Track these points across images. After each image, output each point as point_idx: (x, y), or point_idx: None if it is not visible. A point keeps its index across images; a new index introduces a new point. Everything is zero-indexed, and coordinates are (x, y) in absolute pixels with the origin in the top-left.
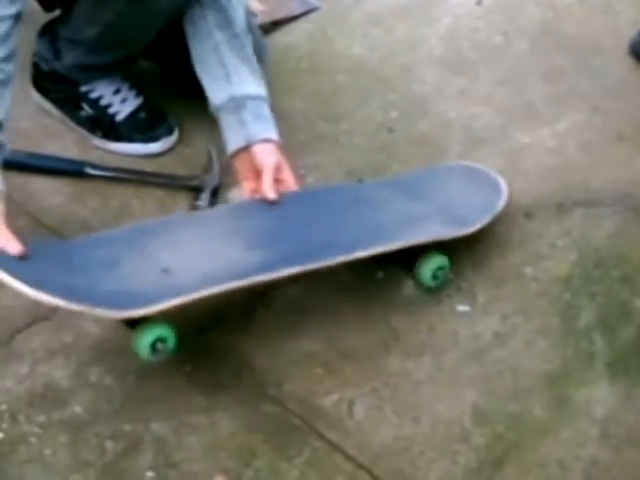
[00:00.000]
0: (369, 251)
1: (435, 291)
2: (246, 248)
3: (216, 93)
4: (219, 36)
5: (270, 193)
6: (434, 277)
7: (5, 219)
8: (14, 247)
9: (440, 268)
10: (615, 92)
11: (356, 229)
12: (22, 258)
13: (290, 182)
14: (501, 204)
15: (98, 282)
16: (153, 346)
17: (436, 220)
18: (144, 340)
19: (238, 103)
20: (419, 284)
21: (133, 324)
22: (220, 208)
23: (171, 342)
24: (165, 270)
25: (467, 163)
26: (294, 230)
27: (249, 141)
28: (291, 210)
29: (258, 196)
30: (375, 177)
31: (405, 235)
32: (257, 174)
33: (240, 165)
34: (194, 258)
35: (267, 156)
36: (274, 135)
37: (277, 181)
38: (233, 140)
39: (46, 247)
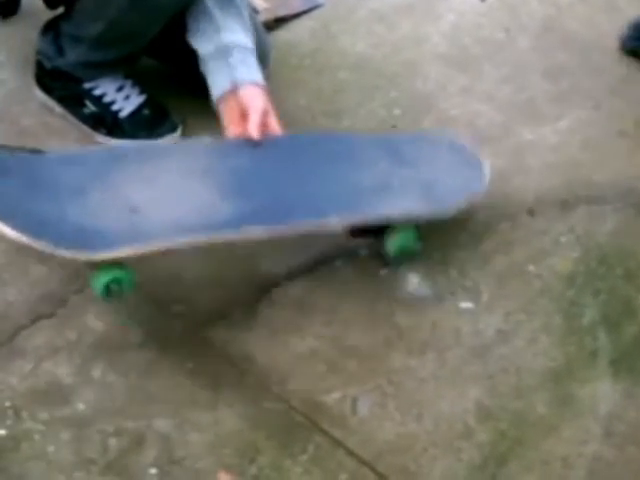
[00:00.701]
0: (342, 220)
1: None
2: (219, 194)
3: (204, 45)
4: (212, 2)
5: (255, 133)
6: (400, 252)
7: None
8: None
9: (405, 246)
10: (617, 89)
11: (334, 189)
12: None
13: (275, 128)
14: (480, 191)
15: (65, 211)
16: (107, 287)
17: (414, 195)
18: (100, 280)
19: (226, 50)
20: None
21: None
22: (201, 142)
23: (126, 284)
24: (133, 210)
25: (457, 141)
26: (271, 178)
27: (236, 83)
28: (272, 154)
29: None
30: None
31: (381, 206)
32: (243, 118)
33: (226, 108)
34: (164, 199)
35: (255, 99)
36: (261, 81)
37: (262, 125)
38: (219, 83)
39: (18, 161)
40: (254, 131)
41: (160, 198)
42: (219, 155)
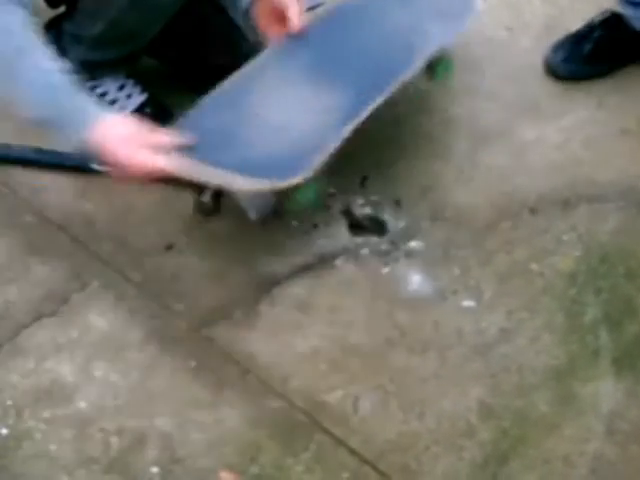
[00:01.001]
0: (422, 61)
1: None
2: (326, 84)
3: None
4: None
5: (301, 21)
6: (447, 75)
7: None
8: (183, 138)
9: (451, 68)
10: (619, 87)
11: (394, 43)
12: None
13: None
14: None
15: (233, 156)
16: (311, 198)
17: (436, 21)
18: (305, 194)
19: None
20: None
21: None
22: (266, 55)
23: (320, 194)
24: (282, 128)
25: None
26: (349, 52)
27: None
28: (327, 34)
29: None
30: (381, 174)
31: (425, 45)
32: (279, 17)
33: (261, 12)
34: (297, 109)
35: None
36: None
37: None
38: None
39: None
40: (300, 19)
41: (294, 110)
42: (294, 54)
